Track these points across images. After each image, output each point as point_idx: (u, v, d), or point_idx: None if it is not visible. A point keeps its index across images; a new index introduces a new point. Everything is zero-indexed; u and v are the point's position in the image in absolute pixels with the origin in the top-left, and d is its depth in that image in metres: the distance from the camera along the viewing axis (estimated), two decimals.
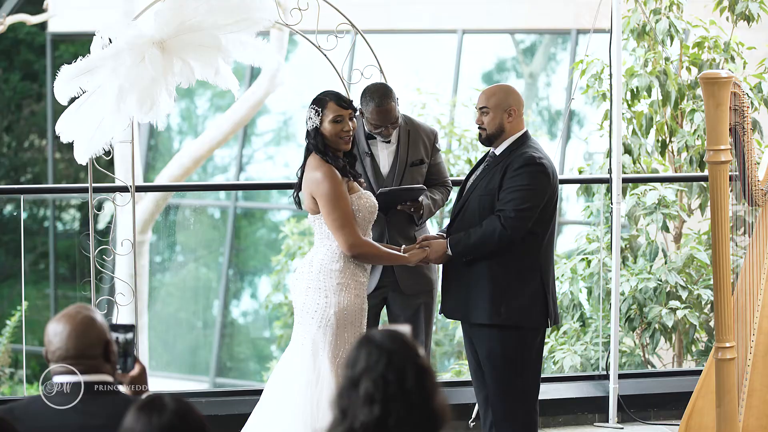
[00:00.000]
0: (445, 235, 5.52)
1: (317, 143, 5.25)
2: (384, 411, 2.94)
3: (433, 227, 6.72)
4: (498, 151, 5.45)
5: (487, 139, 5.44)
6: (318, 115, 5.26)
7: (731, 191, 5.90)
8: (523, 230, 5.31)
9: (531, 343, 5.43)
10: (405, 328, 3.10)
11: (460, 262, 5.42)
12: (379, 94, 5.73)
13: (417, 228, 5.85)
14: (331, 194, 5.16)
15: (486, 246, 5.32)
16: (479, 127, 5.46)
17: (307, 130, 5.29)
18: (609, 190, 7.04)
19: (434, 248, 5.42)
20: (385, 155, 5.89)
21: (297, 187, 5.37)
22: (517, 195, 5.29)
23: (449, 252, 5.40)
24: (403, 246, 5.52)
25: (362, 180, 5.48)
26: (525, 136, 5.45)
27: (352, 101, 5.35)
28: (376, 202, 5.35)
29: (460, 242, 5.37)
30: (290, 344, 5.36)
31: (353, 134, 5.30)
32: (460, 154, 11.93)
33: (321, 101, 5.28)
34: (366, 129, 5.85)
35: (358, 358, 3.01)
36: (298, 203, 5.36)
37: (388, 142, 5.87)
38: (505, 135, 5.43)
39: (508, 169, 5.34)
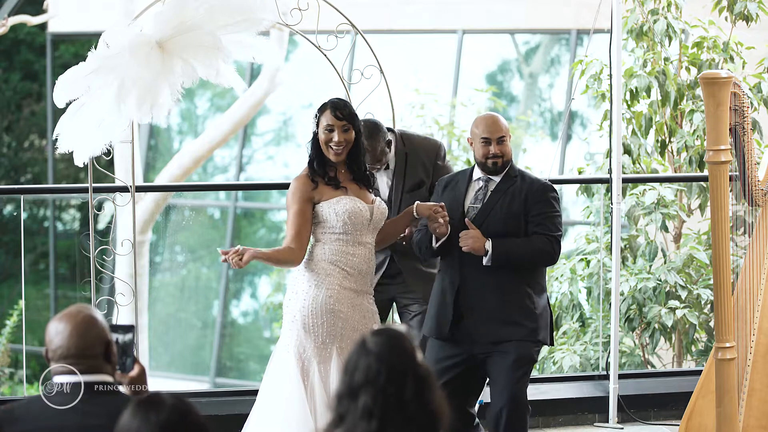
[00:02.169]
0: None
1: (311, 148, 5.32)
2: (382, 424, 2.96)
3: None
4: (498, 177, 5.56)
5: (502, 167, 5.57)
6: (314, 122, 5.31)
7: (731, 191, 5.90)
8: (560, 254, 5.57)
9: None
10: (402, 328, 3.10)
11: (494, 262, 5.42)
12: (365, 133, 5.57)
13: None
14: (288, 199, 5.30)
15: (533, 261, 5.50)
16: (496, 156, 5.52)
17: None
18: (609, 190, 7.04)
19: (476, 236, 5.44)
20: (383, 181, 5.89)
21: None
22: (554, 221, 5.51)
23: (488, 248, 5.42)
24: (417, 202, 5.52)
25: (377, 188, 5.50)
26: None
27: (349, 113, 5.30)
28: (360, 206, 5.29)
29: (504, 246, 5.43)
30: None
31: (345, 146, 5.28)
32: (460, 154, 11.94)
33: (321, 107, 5.32)
34: None
35: (356, 367, 3.01)
36: None
37: (386, 168, 5.88)
38: None
39: (529, 195, 5.51)
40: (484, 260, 5.43)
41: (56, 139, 5.59)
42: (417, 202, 5.51)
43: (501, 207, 5.51)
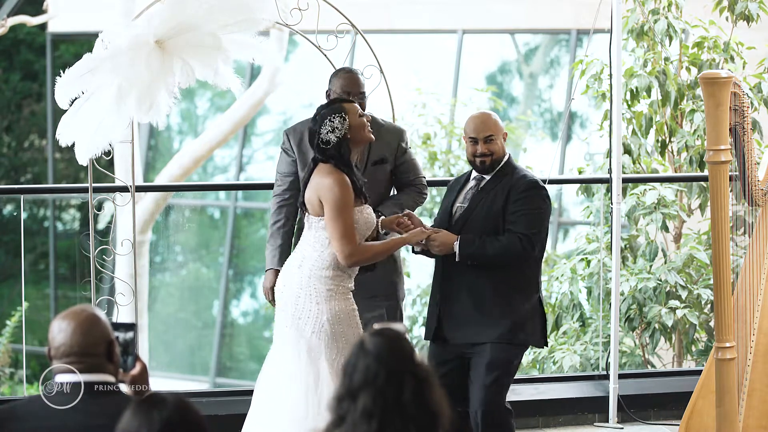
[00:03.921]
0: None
1: (343, 154, 5.22)
2: (381, 425, 2.96)
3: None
4: (488, 174, 5.54)
5: (491, 166, 5.53)
6: (345, 121, 5.22)
7: (731, 191, 5.90)
8: (536, 252, 5.45)
9: (520, 359, 5.59)
10: (401, 327, 3.11)
11: (463, 263, 5.43)
12: (347, 68, 5.88)
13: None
14: (340, 202, 5.15)
15: (501, 260, 5.41)
16: (483, 155, 5.51)
17: (328, 141, 5.22)
18: (609, 190, 7.04)
19: (442, 239, 5.43)
20: None
21: (302, 193, 5.35)
22: (530, 219, 5.42)
23: (456, 250, 5.41)
24: (381, 217, 5.51)
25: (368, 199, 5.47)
26: (511, 158, 5.61)
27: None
28: (375, 218, 5.36)
29: (472, 245, 5.40)
30: (277, 347, 5.32)
31: None
32: (461, 153, 11.94)
33: (341, 108, 5.25)
34: None
35: (356, 368, 3.02)
36: (303, 207, 5.33)
37: None
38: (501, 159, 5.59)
39: (512, 191, 5.46)
40: (457, 258, 5.44)
41: (58, 138, 5.59)
42: (382, 217, 5.53)
43: (483, 205, 5.48)
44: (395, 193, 5.98)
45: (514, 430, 5.54)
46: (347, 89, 5.78)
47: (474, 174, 5.61)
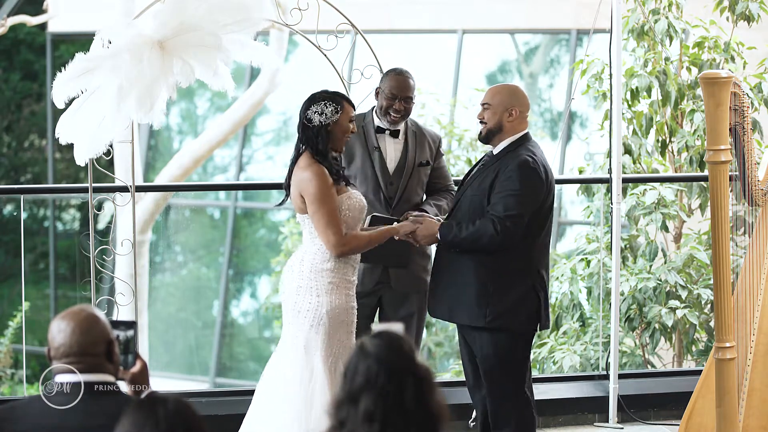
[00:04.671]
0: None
1: (318, 141, 5.26)
2: (383, 427, 2.96)
3: None
4: (495, 150, 5.47)
5: (485, 136, 5.48)
6: (337, 113, 5.26)
7: (731, 191, 5.90)
8: (516, 237, 5.28)
9: (521, 345, 5.45)
10: (398, 327, 3.11)
11: (446, 250, 5.43)
12: (401, 68, 5.96)
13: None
14: (319, 193, 5.18)
15: (475, 245, 5.31)
16: (480, 122, 5.49)
17: (312, 126, 5.28)
18: (609, 190, 7.04)
19: (425, 228, 5.42)
20: (392, 150, 5.93)
21: (286, 186, 5.38)
22: (509, 200, 5.27)
23: (438, 236, 5.39)
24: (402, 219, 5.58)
25: (353, 184, 5.53)
26: (524, 138, 5.47)
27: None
28: (364, 201, 5.38)
29: (451, 231, 5.36)
30: (281, 343, 5.37)
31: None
32: (460, 154, 11.94)
33: (337, 100, 5.31)
34: (377, 115, 5.91)
35: (356, 371, 3.01)
36: (287, 191, 5.37)
37: (396, 136, 5.90)
38: (504, 134, 5.46)
39: (502, 170, 5.35)
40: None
41: (58, 137, 5.59)
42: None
43: (475, 184, 5.43)
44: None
45: None
46: (394, 91, 5.88)
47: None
